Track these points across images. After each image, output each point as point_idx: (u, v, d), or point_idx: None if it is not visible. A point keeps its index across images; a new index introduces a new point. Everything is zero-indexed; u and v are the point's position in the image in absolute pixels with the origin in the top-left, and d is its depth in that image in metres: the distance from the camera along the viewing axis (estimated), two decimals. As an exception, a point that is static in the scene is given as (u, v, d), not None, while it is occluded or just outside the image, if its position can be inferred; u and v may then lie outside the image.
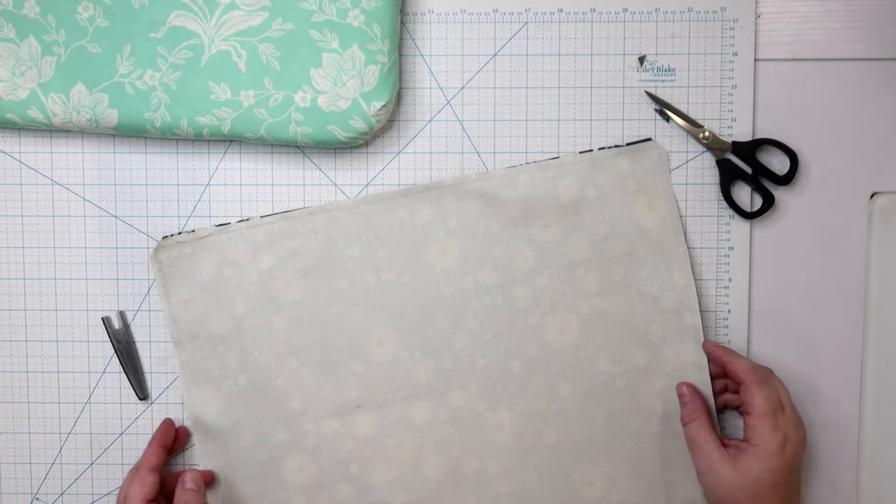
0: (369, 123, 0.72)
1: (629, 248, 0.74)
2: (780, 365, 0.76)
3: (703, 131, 0.74)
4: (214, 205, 0.76)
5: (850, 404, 0.76)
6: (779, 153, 0.75)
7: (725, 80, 0.74)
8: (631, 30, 0.75)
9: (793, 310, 0.76)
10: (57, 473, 0.77)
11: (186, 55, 0.71)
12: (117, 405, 0.77)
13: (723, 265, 0.75)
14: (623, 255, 0.74)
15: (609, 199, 0.74)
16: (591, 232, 0.74)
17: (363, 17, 0.71)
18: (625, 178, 0.74)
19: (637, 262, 0.74)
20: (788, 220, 0.76)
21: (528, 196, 0.74)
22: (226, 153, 0.76)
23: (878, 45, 0.75)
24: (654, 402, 0.75)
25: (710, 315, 0.76)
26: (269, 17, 0.71)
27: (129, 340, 0.76)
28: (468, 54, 0.75)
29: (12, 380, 0.77)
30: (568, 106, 0.75)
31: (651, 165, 0.74)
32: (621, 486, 0.75)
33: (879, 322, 0.76)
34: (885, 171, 0.75)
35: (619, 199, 0.74)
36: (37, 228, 0.76)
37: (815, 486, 0.77)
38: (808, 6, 0.75)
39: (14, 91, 0.71)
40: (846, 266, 0.76)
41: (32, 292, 0.77)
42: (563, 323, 0.74)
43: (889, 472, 0.76)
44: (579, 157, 0.74)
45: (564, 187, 0.74)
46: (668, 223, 0.74)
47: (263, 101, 0.71)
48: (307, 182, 0.76)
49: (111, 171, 0.76)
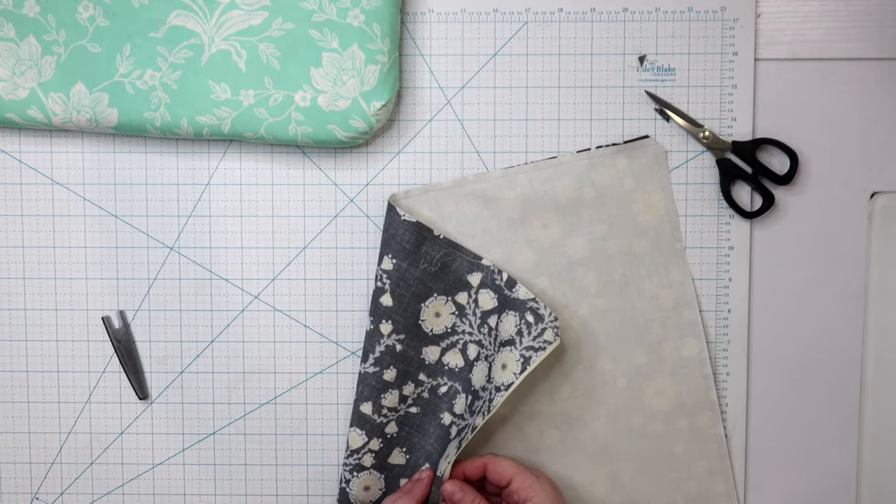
0: (369, 123, 0.72)
1: (628, 247, 0.74)
2: (780, 364, 0.76)
3: (703, 131, 0.74)
4: (214, 204, 0.76)
5: (850, 404, 0.76)
6: (779, 153, 0.75)
7: (725, 80, 0.74)
8: (631, 30, 0.75)
9: (793, 310, 0.76)
10: (57, 473, 0.77)
11: (186, 55, 0.71)
12: (117, 405, 0.77)
13: (723, 265, 0.75)
14: (622, 253, 0.74)
15: (607, 198, 0.74)
16: (590, 232, 0.74)
17: (363, 17, 0.71)
18: (622, 177, 0.74)
19: (636, 259, 0.74)
20: (788, 220, 0.76)
21: (526, 197, 0.74)
22: (226, 153, 0.76)
23: (878, 45, 0.75)
24: (656, 400, 0.75)
25: (710, 315, 0.76)
26: (269, 16, 0.71)
27: (129, 340, 0.76)
28: (468, 54, 0.75)
29: (12, 379, 0.77)
30: (568, 106, 0.75)
31: (649, 163, 0.74)
32: (625, 486, 0.75)
33: (879, 322, 0.76)
34: (885, 171, 0.75)
35: (616, 198, 0.74)
36: (37, 228, 0.76)
37: (815, 486, 0.77)
38: (808, 6, 0.75)
39: (14, 90, 0.71)
40: (846, 266, 0.76)
41: (32, 292, 0.77)
42: (563, 323, 0.74)
43: (889, 471, 0.76)
44: (577, 157, 0.74)
45: (562, 187, 0.74)
46: (665, 220, 0.74)
47: (263, 100, 0.71)
48: (307, 182, 0.76)
49: (111, 170, 0.76)
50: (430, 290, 0.73)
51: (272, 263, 0.76)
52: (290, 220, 0.76)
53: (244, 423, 0.77)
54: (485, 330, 0.73)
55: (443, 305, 0.73)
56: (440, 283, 0.73)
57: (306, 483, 0.77)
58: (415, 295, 0.73)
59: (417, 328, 0.73)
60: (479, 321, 0.73)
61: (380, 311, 0.73)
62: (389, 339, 0.73)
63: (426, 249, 0.73)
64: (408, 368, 0.74)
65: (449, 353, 0.74)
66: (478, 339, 0.73)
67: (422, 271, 0.73)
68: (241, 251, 0.76)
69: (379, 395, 0.73)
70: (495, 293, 0.72)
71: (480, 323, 0.73)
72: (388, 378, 0.73)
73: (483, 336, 0.73)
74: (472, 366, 0.73)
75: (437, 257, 0.72)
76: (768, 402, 0.76)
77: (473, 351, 0.73)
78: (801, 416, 0.76)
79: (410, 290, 0.73)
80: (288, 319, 0.77)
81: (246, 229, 0.76)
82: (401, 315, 0.73)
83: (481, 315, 0.73)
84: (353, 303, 0.76)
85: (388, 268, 0.72)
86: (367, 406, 0.73)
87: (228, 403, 0.77)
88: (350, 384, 0.77)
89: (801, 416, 0.76)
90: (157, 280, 0.76)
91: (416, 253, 0.72)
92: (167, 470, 0.77)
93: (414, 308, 0.73)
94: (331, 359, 0.77)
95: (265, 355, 0.77)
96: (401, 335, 0.73)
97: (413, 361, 0.74)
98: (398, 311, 0.73)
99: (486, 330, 0.73)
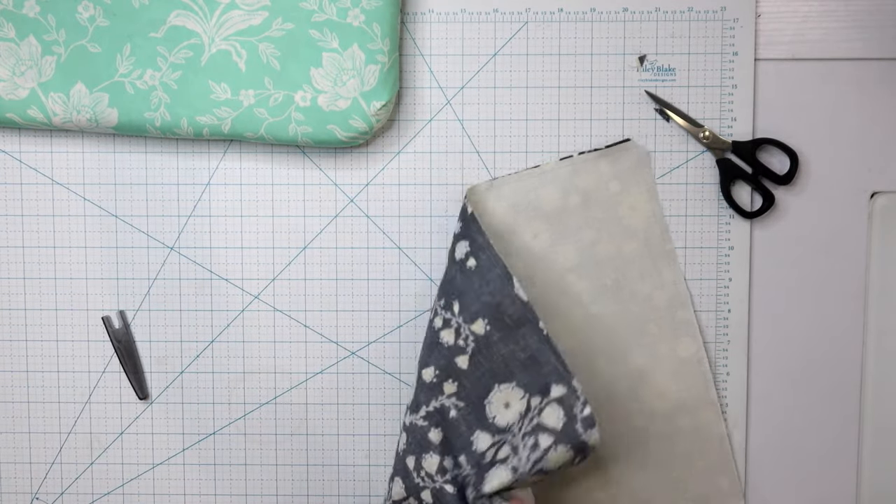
0: (369, 123, 0.72)
1: (617, 250, 0.74)
2: (780, 364, 0.76)
3: (703, 131, 0.74)
4: (214, 204, 0.76)
5: (850, 404, 0.76)
6: (779, 153, 0.75)
7: (725, 80, 0.74)
8: (631, 30, 0.75)
9: (793, 310, 0.76)
10: (57, 473, 0.77)
11: (186, 55, 0.71)
12: (117, 405, 0.77)
13: (723, 265, 0.75)
14: (611, 258, 0.74)
15: (592, 203, 0.74)
16: (578, 238, 0.74)
17: (363, 17, 0.71)
18: (607, 181, 0.74)
19: (626, 263, 0.74)
20: (788, 220, 0.76)
21: (513, 207, 0.74)
22: (226, 153, 0.76)
23: (878, 45, 0.75)
24: (656, 401, 0.75)
25: (710, 315, 0.76)
26: (270, 16, 0.71)
27: (129, 340, 0.76)
28: (468, 54, 0.75)
29: (12, 379, 0.77)
30: (568, 106, 0.75)
31: (632, 166, 0.74)
32: (630, 488, 0.75)
33: (879, 322, 0.76)
34: (885, 171, 0.75)
35: (602, 202, 0.74)
36: (37, 228, 0.76)
37: (815, 486, 0.77)
38: (808, 6, 0.75)
39: (14, 90, 0.71)
40: (846, 266, 0.76)
41: (32, 292, 0.77)
42: (557, 331, 0.74)
43: (889, 471, 0.76)
44: (560, 164, 0.74)
45: (547, 196, 0.74)
46: (653, 222, 0.74)
47: (263, 100, 0.71)
48: (307, 182, 0.76)
49: (111, 170, 0.76)
50: (511, 375, 0.67)
51: (272, 263, 0.76)
52: (290, 220, 0.76)
53: (244, 423, 0.77)
54: (529, 442, 0.65)
55: (518, 400, 0.67)
56: (525, 376, 0.67)
57: (306, 483, 0.77)
58: (493, 373, 0.68)
59: (481, 407, 0.68)
60: (529, 429, 0.65)
61: (450, 368, 0.68)
62: (449, 399, 0.68)
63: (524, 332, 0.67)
64: (453, 442, 0.68)
65: (500, 450, 0.67)
66: (515, 446, 0.66)
67: (510, 352, 0.67)
68: (241, 251, 0.76)
69: (421, 454, 0.68)
70: (566, 418, 0.64)
71: (529, 433, 0.65)
72: (432, 439, 0.68)
73: (521, 446, 0.65)
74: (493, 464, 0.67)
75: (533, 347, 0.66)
76: (768, 401, 0.76)
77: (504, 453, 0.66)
78: (801, 416, 0.76)
79: (492, 365, 0.68)
80: (288, 319, 0.77)
81: (246, 229, 0.76)
82: (471, 383, 0.68)
83: (535, 426, 0.65)
84: (353, 303, 0.76)
85: (479, 332, 0.67)
86: (411, 460, 0.69)
87: (228, 403, 0.77)
88: (350, 384, 0.77)
89: (801, 415, 0.76)
90: (157, 280, 0.76)
91: (516, 332, 0.67)
92: (167, 470, 0.77)
93: (486, 384, 0.68)
94: (331, 359, 0.77)
95: (265, 355, 0.77)
96: (461, 403, 0.68)
97: (461, 438, 0.68)
98: (469, 378, 0.68)
99: (531, 444, 0.65)
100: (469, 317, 0.68)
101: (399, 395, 0.77)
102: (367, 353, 0.77)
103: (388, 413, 0.77)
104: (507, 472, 0.65)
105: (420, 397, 0.70)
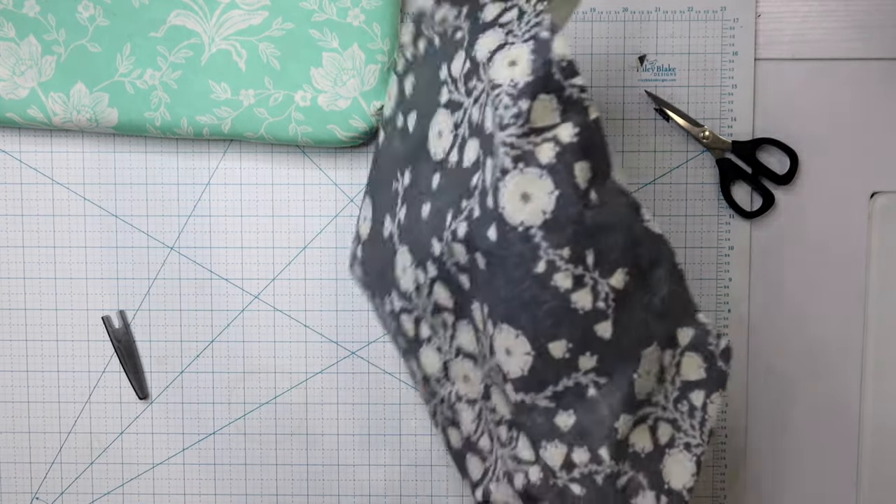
0: (369, 123, 0.72)
1: None
2: (780, 364, 0.76)
3: (703, 131, 0.74)
4: (214, 204, 0.76)
5: (850, 404, 0.76)
6: (779, 153, 0.75)
7: (725, 80, 0.74)
8: (631, 30, 0.75)
9: (793, 310, 0.76)
10: (57, 473, 0.77)
11: (186, 54, 0.71)
12: (117, 405, 0.77)
13: (723, 265, 0.75)
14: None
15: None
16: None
17: (363, 17, 0.71)
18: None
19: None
20: (788, 220, 0.76)
21: None
22: (226, 153, 0.76)
23: (878, 45, 0.75)
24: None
25: (709, 315, 0.76)
26: (270, 16, 0.71)
27: (129, 340, 0.76)
28: (468, 54, 0.75)
29: (12, 379, 0.77)
30: (568, 106, 0.75)
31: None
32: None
33: (879, 322, 0.76)
34: (885, 171, 0.75)
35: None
36: (37, 228, 0.76)
37: (815, 486, 0.77)
38: (808, 6, 0.75)
39: (14, 90, 0.71)
40: (846, 266, 0.76)
41: (32, 292, 0.77)
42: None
43: (889, 471, 0.76)
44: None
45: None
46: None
47: (263, 100, 0.71)
48: (307, 182, 0.76)
49: (111, 170, 0.76)
50: (651, 336, 0.54)
51: (272, 263, 0.76)
52: (290, 220, 0.76)
53: (244, 422, 0.77)
54: (684, 408, 0.55)
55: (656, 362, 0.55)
56: (660, 329, 0.55)
57: (306, 483, 0.77)
58: (638, 339, 0.54)
59: (629, 385, 0.54)
60: (677, 393, 0.55)
61: (587, 339, 0.53)
62: (586, 377, 0.54)
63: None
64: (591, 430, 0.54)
65: (637, 429, 0.55)
66: (673, 419, 0.55)
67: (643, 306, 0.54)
68: (241, 251, 0.76)
69: (540, 441, 0.54)
70: (706, 363, 0.55)
71: (679, 397, 0.55)
72: (560, 424, 0.54)
73: (679, 416, 0.55)
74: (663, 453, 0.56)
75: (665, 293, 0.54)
76: (768, 402, 0.76)
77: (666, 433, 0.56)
78: (801, 417, 0.76)
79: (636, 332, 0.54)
80: (288, 319, 0.77)
81: (246, 229, 0.76)
82: (617, 354, 0.53)
83: (681, 387, 0.55)
84: (353, 303, 0.76)
85: (619, 286, 0.53)
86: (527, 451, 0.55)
87: (228, 403, 0.77)
88: (350, 384, 0.77)
89: (801, 416, 0.76)
90: (157, 280, 0.76)
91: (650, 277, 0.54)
92: (167, 470, 0.77)
93: (634, 354, 0.54)
94: (331, 359, 0.77)
95: (265, 355, 0.77)
96: (601, 378, 0.54)
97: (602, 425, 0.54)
98: (615, 348, 0.53)
99: (687, 409, 0.55)
100: (608, 269, 0.52)
101: (399, 395, 0.77)
102: (367, 353, 0.77)
103: (388, 413, 0.77)
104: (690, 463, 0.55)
105: (544, 375, 0.53)
